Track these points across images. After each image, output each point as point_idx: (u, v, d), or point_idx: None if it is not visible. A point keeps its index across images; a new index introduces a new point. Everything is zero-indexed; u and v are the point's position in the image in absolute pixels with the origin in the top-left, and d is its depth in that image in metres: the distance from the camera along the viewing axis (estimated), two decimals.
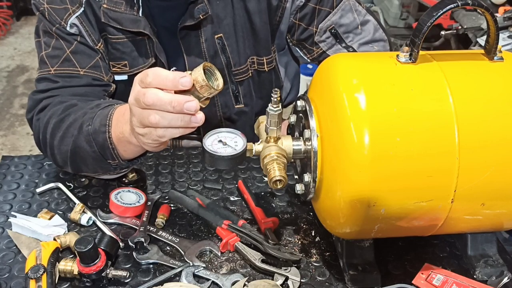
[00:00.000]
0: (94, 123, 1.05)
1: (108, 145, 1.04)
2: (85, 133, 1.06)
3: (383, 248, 1.03)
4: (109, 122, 1.03)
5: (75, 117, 1.10)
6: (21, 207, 1.16)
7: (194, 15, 1.22)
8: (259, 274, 0.99)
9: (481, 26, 2.53)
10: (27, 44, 4.65)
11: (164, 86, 0.85)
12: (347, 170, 0.83)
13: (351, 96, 0.83)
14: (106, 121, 1.03)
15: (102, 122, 1.04)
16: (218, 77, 0.86)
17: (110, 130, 1.02)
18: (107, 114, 1.04)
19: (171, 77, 0.84)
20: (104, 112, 1.06)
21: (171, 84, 0.84)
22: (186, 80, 0.83)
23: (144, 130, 0.90)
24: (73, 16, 1.22)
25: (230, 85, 1.36)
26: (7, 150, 3.28)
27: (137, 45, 1.27)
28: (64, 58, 1.22)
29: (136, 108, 0.89)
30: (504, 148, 0.84)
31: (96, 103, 1.12)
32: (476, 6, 0.85)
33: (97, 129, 1.04)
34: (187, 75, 0.84)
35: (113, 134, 1.03)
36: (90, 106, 1.11)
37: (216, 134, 0.92)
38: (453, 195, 0.84)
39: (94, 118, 1.05)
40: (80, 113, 1.10)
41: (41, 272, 0.92)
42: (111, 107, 1.06)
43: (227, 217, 1.09)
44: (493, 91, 0.87)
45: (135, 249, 1.03)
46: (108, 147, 1.04)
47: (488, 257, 1.01)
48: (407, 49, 0.88)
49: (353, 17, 1.32)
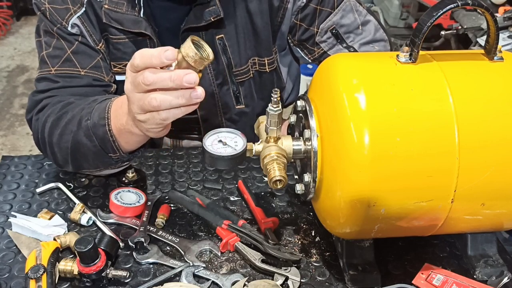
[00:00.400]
0: (93, 117, 1.05)
1: (109, 137, 1.03)
2: (84, 128, 1.06)
3: (383, 248, 1.03)
4: (107, 115, 1.02)
5: (73, 114, 1.10)
6: (21, 207, 1.16)
7: (203, 17, 1.22)
8: (259, 274, 0.99)
9: (481, 26, 2.53)
10: (27, 44, 4.65)
11: (151, 64, 0.84)
12: (347, 170, 0.83)
13: (351, 96, 0.83)
14: (105, 114, 1.03)
15: (100, 115, 1.04)
16: (206, 48, 0.85)
17: (109, 123, 1.02)
18: (105, 107, 1.04)
19: (155, 54, 0.83)
20: (101, 105, 1.06)
21: (157, 61, 0.84)
22: (169, 53, 0.82)
23: (146, 116, 0.89)
24: (74, 16, 1.22)
25: (231, 86, 1.36)
26: (7, 150, 3.28)
27: (139, 45, 1.27)
28: (65, 58, 1.22)
29: (134, 94, 0.88)
30: (504, 148, 0.84)
31: (93, 99, 1.12)
32: (476, 6, 0.85)
33: (96, 122, 1.04)
34: (170, 48, 0.83)
35: (113, 127, 1.03)
36: (87, 102, 1.11)
37: (216, 134, 0.92)
38: (453, 195, 0.84)
39: (93, 112, 1.05)
40: (78, 109, 1.10)
41: (41, 272, 0.92)
42: (108, 100, 1.06)
43: (227, 217, 1.09)
44: (493, 91, 0.87)
45: (135, 249, 1.03)
46: (109, 140, 1.04)
47: (488, 257, 1.01)
48: (407, 49, 0.88)
49: (354, 17, 1.32)
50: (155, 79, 0.84)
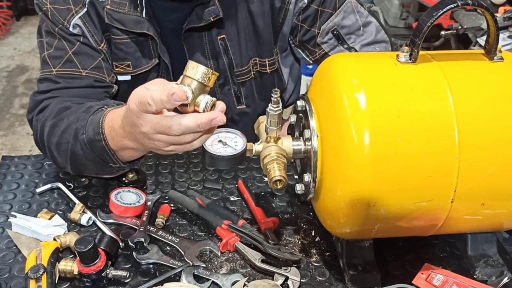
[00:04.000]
0: (88, 131, 1.03)
1: (107, 151, 1.03)
2: (81, 142, 1.05)
3: (383, 248, 1.03)
4: (101, 130, 1.01)
5: (68, 123, 1.09)
6: (21, 207, 1.16)
7: (204, 17, 1.22)
8: (259, 274, 0.99)
9: (481, 26, 2.53)
10: (27, 44, 4.65)
11: (166, 108, 0.85)
12: (347, 170, 0.83)
13: (351, 96, 0.83)
14: (99, 129, 1.02)
15: (95, 130, 1.02)
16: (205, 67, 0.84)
17: (105, 138, 1.01)
18: (98, 122, 1.02)
19: (165, 99, 0.82)
20: (95, 119, 1.04)
21: (171, 106, 0.83)
22: (177, 96, 0.81)
23: (173, 148, 0.90)
24: (76, 17, 1.22)
25: (232, 86, 1.36)
26: (7, 150, 3.28)
27: (141, 45, 1.27)
28: (66, 58, 1.22)
29: (161, 136, 0.88)
30: (504, 148, 0.84)
31: (87, 106, 1.10)
32: (476, 6, 0.85)
33: (92, 137, 1.03)
34: (176, 90, 0.81)
35: (112, 145, 1.02)
36: (82, 109, 1.10)
37: (216, 134, 0.92)
38: (453, 195, 0.84)
39: (87, 126, 1.04)
40: (73, 118, 1.09)
41: (41, 272, 0.92)
42: (101, 112, 1.05)
43: (227, 217, 1.09)
44: (493, 91, 0.87)
45: (135, 249, 1.03)
46: (108, 153, 1.03)
47: (488, 257, 1.01)
48: (407, 49, 0.88)
49: (355, 18, 1.32)
50: (185, 130, 0.84)
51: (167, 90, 0.81)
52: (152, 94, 0.83)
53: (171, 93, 0.81)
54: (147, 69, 1.29)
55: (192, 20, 1.24)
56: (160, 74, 1.31)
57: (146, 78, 1.30)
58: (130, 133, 0.94)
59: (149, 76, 1.30)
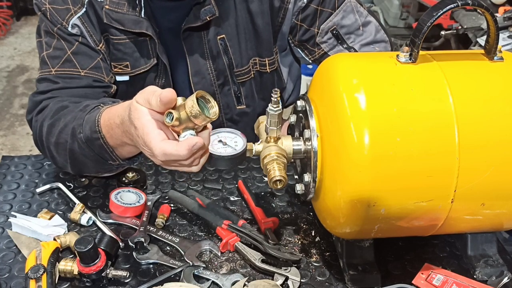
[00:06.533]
0: (85, 130, 1.04)
1: (106, 149, 1.03)
2: (79, 141, 1.05)
3: (383, 248, 1.03)
4: (98, 129, 1.01)
5: (65, 122, 1.09)
6: (21, 207, 1.16)
7: (200, 16, 1.22)
8: (259, 274, 0.99)
9: (481, 26, 2.52)
10: (27, 44, 4.65)
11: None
12: (347, 170, 0.83)
13: (351, 96, 0.83)
14: (95, 127, 1.02)
15: (92, 128, 1.02)
16: (214, 104, 0.82)
17: (103, 136, 1.01)
18: (94, 120, 1.02)
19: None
20: (91, 117, 1.04)
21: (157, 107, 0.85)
22: (165, 96, 0.82)
23: (177, 167, 0.91)
24: (75, 17, 1.22)
25: (232, 86, 1.36)
26: (7, 150, 3.28)
27: (139, 46, 1.27)
28: (65, 58, 1.22)
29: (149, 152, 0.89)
30: (504, 148, 0.84)
31: (84, 105, 1.10)
32: (476, 6, 0.85)
33: (89, 136, 1.03)
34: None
35: (109, 140, 1.02)
36: (78, 108, 1.10)
37: (216, 134, 0.92)
38: (453, 195, 0.84)
39: (83, 124, 1.04)
40: (70, 118, 1.09)
41: (41, 272, 0.92)
42: (97, 110, 1.04)
43: (227, 217, 1.09)
44: (493, 91, 0.87)
45: (135, 249, 1.03)
46: (106, 151, 1.04)
47: (488, 257, 1.01)
48: (407, 49, 0.88)
49: (355, 18, 1.32)
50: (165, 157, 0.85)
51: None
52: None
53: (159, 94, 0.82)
54: (145, 69, 1.29)
55: (190, 19, 1.24)
56: (158, 75, 1.30)
57: (145, 78, 1.30)
58: (126, 132, 0.94)
59: (148, 76, 1.30)
